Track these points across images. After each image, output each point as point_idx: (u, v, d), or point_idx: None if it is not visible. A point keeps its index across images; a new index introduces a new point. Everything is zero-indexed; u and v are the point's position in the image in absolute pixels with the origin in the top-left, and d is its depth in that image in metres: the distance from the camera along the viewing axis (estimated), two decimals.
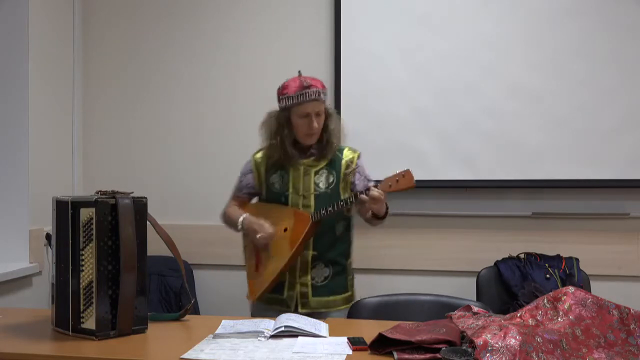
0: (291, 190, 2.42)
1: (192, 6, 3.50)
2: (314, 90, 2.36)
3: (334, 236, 2.44)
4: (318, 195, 2.40)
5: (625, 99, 3.06)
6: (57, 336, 1.88)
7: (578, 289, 1.76)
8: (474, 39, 3.17)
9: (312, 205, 2.39)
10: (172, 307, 3.24)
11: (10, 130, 3.04)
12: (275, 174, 2.46)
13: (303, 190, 2.41)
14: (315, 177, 2.42)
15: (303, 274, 2.41)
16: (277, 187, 2.45)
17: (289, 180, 2.43)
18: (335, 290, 2.44)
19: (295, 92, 2.37)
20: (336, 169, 2.44)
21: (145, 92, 3.55)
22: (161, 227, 2.09)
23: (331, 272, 2.44)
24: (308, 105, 2.35)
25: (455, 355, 1.52)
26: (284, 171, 2.45)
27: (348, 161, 2.46)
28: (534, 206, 3.19)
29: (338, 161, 2.45)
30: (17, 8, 3.04)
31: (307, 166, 2.43)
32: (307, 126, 2.37)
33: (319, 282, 2.42)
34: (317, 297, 2.41)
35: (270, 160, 2.47)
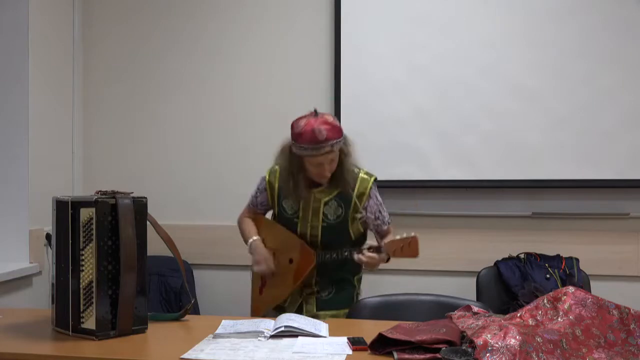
0: (300, 218, 2.42)
1: (192, 6, 3.50)
2: (327, 146, 2.25)
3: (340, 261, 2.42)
4: (325, 227, 2.40)
5: (626, 98, 3.06)
6: (57, 336, 1.88)
7: (578, 289, 1.76)
8: (474, 39, 3.17)
9: (319, 235, 2.40)
10: (172, 307, 3.24)
11: (10, 130, 3.04)
12: (287, 198, 2.45)
13: (312, 220, 2.41)
14: (325, 207, 2.40)
15: (307, 294, 2.45)
16: (289, 212, 2.45)
17: (299, 208, 2.42)
18: (340, 302, 2.45)
19: (308, 145, 2.25)
20: (346, 200, 2.40)
21: (145, 92, 3.55)
22: (161, 227, 2.09)
23: (335, 288, 2.46)
24: (320, 157, 2.29)
25: (455, 355, 1.52)
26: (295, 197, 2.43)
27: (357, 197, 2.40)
28: (534, 206, 3.19)
29: (349, 194, 2.39)
30: (17, 8, 3.04)
31: (318, 195, 2.41)
32: (318, 174, 2.34)
33: (323, 296, 2.44)
34: (320, 311, 2.43)
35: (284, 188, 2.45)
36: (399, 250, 2.27)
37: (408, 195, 3.27)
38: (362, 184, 2.42)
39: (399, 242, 2.27)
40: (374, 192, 2.47)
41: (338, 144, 2.30)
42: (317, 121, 2.27)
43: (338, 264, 2.42)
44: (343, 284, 2.47)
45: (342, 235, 2.41)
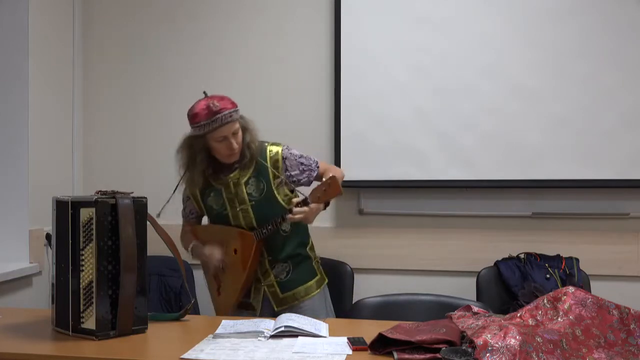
0: (229, 207, 2.43)
1: (192, 6, 3.50)
2: (225, 114, 2.31)
3: (283, 235, 2.44)
4: (254, 205, 2.40)
5: (626, 98, 3.06)
6: (57, 336, 1.88)
7: (578, 289, 1.76)
8: (474, 39, 3.17)
9: (253, 216, 2.40)
10: (172, 307, 3.24)
11: (10, 130, 3.04)
12: (209, 196, 2.47)
13: (239, 205, 2.41)
14: (246, 187, 2.42)
15: (266, 277, 2.44)
16: (216, 207, 2.46)
17: (224, 199, 2.44)
18: (302, 279, 2.46)
19: (207, 119, 2.31)
20: (263, 173, 2.42)
21: (145, 91, 3.55)
22: (161, 227, 2.09)
23: (291, 265, 2.46)
24: (223, 129, 2.32)
25: (455, 355, 1.52)
26: (217, 190, 2.45)
27: (273, 159, 2.43)
28: (534, 206, 3.19)
29: (263, 167, 2.42)
30: (17, 8, 3.04)
31: (235, 179, 2.42)
32: (226, 148, 2.36)
33: (283, 278, 2.44)
34: (286, 292, 2.43)
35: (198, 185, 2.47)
36: (323, 193, 2.27)
37: (408, 195, 3.27)
38: (272, 151, 2.45)
39: (320, 186, 2.29)
40: (287, 151, 2.47)
41: (236, 113, 2.35)
42: (208, 99, 2.37)
43: (283, 241, 2.43)
44: (297, 259, 2.47)
45: (273, 207, 2.39)
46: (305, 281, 2.46)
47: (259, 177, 2.41)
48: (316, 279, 2.50)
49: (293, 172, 2.45)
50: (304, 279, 2.46)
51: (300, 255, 2.48)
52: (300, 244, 2.50)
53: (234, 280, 2.43)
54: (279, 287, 2.43)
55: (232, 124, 2.33)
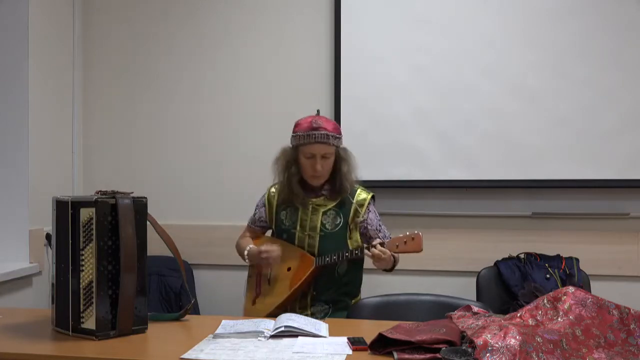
0: (298, 228, 2.42)
1: (192, 6, 3.50)
2: (322, 133, 2.34)
3: (334, 276, 2.42)
4: (323, 236, 2.40)
5: (626, 99, 3.06)
6: (57, 336, 1.88)
7: (578, 289, 1.76)
8: (474, 39, 3.17)
9: (317, 245, 2.39)
10: (172, 307, 3.24)
11: (10, 130, 3.04)
12: (285, 210, 2.47)
13: (309, 230, 2.41)
14: (323, 217, 2.41)
15: (302, 310, 2.42)
16: (286, 223, 2.46)
17: (297, 219, 2.43)
18: None
19: (304, 132, 2.36)
20: (345, 210, 2.42)
21: (145, 92, 3.55)
22: (161, 227, 2.09)
23: (331, 310, 2.43)
24: (314, 146, 2.34)
25: (455, 355, 1.52)
26: (293, 208, 2.45)
27: (358, 204, 2.43)
28: (534, 206, 3.19)
29: (348, 203, 2.42)
30: (17, 8, 3.04)
31: (316, 205, 2.42)
32: (311, 167, 2.37)
33: (318, 317, 2.39)
34: None
35: (281, 196, 2.47)
36: (403, 245, 2.27)
37: (408, 195, 3.27)
38: (361, 196, 2.46)
39: (403, 237, 2.28)
40: (373, 207, 2.50)
41: (334, 138, 2.36)
42: (316, 116, 2.41)
43: (333, 283, 2.41)
44: (339, 305, 2.44)
45: (340, 245, 2.39)
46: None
47: (339, 212, 2.42)
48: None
49: (369, 226, 2.45)
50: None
51: (344, 302, 2.45)
52: (348, 294, 2.47)
53: (275, 296, 2.41)
54: None
55: (324, 146, 2.34)
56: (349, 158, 2.45)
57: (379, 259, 2.27)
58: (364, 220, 2.44)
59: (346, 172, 2.41)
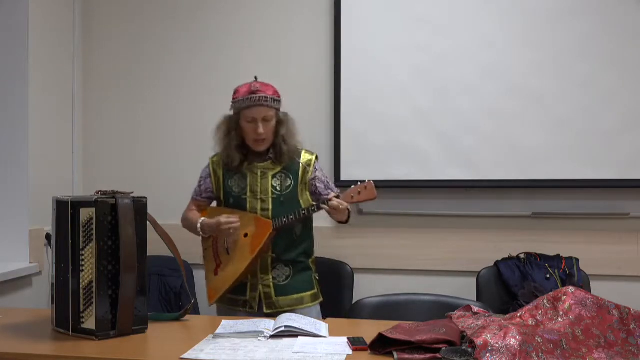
0: (249, 194, 2.44)
1: (192, 6, 3.50)
2: (261, 96, 2.39)
3: (293, 237, 2.45)
4: (276, 199, 2.42)
5: (626, 99, 3.06)
6: (57, 336, 1.88)
7: (578, 289, 1.76)
8: (474, 39, 3.17)
9: (270, 208, 2.41)
10: (172, 307, 3.24)
11: (10, 130, 3.04)
12: (232, 178, 2.48)
13: (261, 194, 2.43)
14: (273, 180, 2.44)
15: (264, 275, 2.43)
16: (236, 190, 2.47)
17: (247, 184, 2.45)
18: (298, 288, 2.45)
19: (243, 97, 2.41)
20: (293, 172, 2.46)
21: (145, 92, 3.55)
22: (161, 227, 2.09)
23: (292, 271, 2.45)
24: (254, 110, 2.38)
25: (455, 355, 1.52)
26: (241, 175, 2.47)
27: (305, 164, 2.48)
28: (534, 206, 3.19)
29: (295, 164, 2.46)
30: (17, 8, 3.04)
31: (264, 169, 2.45)
32: (253, 131, 2.39)
33: (280, 281, 2.43)
34: (280, 296, 2.42)
35: (226, 164, 2.49)
36: (357, 194, 2.31)
37: (408, 195, 3.28)
38: (307, 157, 2.50)
39: (356, 188, 2.33)
40: (319, 165, 2.54)
41: (273, 101, 2.41)
42: (254, 82, 2.46)
43: (292, 243, 2.43)
44: (298, 267, 2.46)
45: (293, 205, 2.41)
46: (300, 291, 2.44)
47: (288, 174, 2.45)
48: (312, 292, 2.48)
49: (318, 183, 2.49)
50: (300, 288, 2.45)
51: (302, 263, 2.48)
52: (305, 253, 2.49)
53: (237, 263, 2.41)
54: (274, 289, 2.42)
55: (265, 109, 2.38)
56: (289, 122, 2.49)
57: (337, 210, 2.30)
58: (313, 178, 2.48)
59: (285, 134, 2.44)
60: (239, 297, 2.45)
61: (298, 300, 2.43)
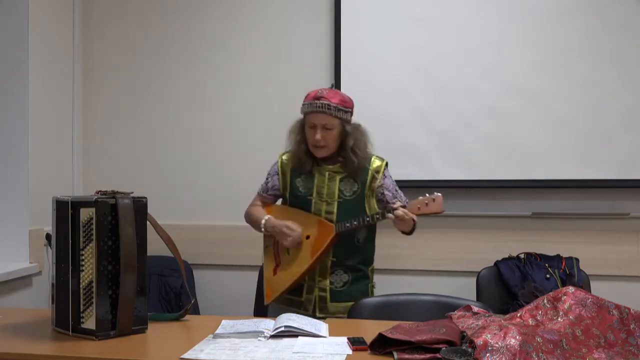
0: (315, 195, 2.42)
1: (192, 6, 3.50)
2: (323, 103, 2.34)
3: (355, 244, 2.44)
4: (342, 203, 2.40)
5: (626, 99, 3.06)
6: (57, 336, 1.88)
7: (578, 289, 1.76)
8: (474, 39, 3.17)
9: (335, 212, 2.39)
10: (172, 307, 3.24)
11: (10, 130, 3.04)
12: (299, 177, 2.47)
13: (327, 197, 2.41)
14: (341, 184, 2.42)
15: (322, 279, 2.42)
16: (302, 190, 2.45)
17: (314, 185, 2.43)
18: (354, 295, 2.43)
19: (308, 101, 2.38)
20: (361, 177, 2.43)
21: (145, 92, 3.55)
22: (161, 227, 2.08)
23: (350, 278, 2.44)
24: (315, 116, 2.35)
25: (455, 355, 1.52)
26: (309, 175, 2.45)
27: (374, 170, 2.45)
28: (534, 206, 3.19)
29: (365, 170, 2.43)
30: (17, 8, 3.04)
31: (333, 172, 2.43)
32: (311, 137, 2.38)
33: (337, 287, 2.42)
34: (335, 302, 2.42)
35: (294, 163, 2.47)
36: (424, 206, 2.28)
37: (408, 195, 3.25)
38: (376, 163, 2.47)
39: (423, 199, 2.29)
40: (388, 173, 2.50)
41: (336, 110, 2.35)
42: (325, 88, 2.43)
43: (353, 250, 2.42)
44: (357, 274, 2.45)
45: (357, 212, 2.39)
46: (356, 298, 2.41)
47: (357, 178, 2.42)
48: None
49: (385, 191, 2.46)
50: (356, 296, 2.42)
51: (361, 271, 2.47)
52: (365, 261, 2.49)
53: (297, 265, 2.40)
54: (330, 294, 2.42)
55: (326, 116, 2.34)
56: (357, 133, 2.43)
57: (402, 220, 2.27)
58: (380, 185, 2.45)
59: (353, 146, 2.40)
60: (295, 298, 2.45)
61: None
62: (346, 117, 2.40)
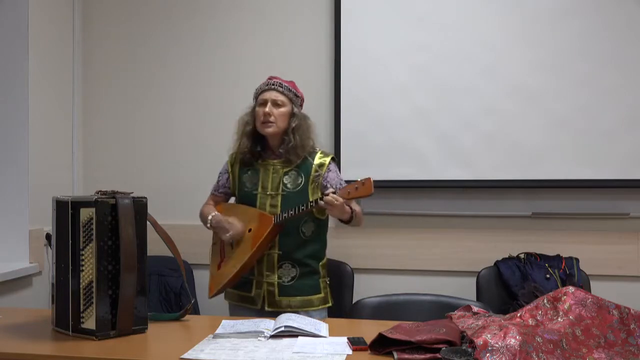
0: (260, 190, 2.47)
1: (192, 6, 3.50)
2: (275, 81, 2.49)
3: (301, 237, 2.45)
4: (285, 195, 2.43)
5: (625, 99, 3.06)
6: (57, 336, 1.88)
7: (578, 289, 1.76)
8: (474, 39, 3.17)
9: (279, 205, 2.43)
10: (172, 307, 3.24)
11: (10, 130, 3.04)
12: (246, 173, 2.53)
13: (271, 190, 2.45)
14: (284, 177, 2.46)
15: (270, 273, 2.44)
16: (248, 185, 2.51)
17: (259, 180, 2.48)
18: (303, 290, 2.45)
19: (261, 85, 2.52)
20: (305, 171, 2.47)
21: (145, 91, 3.55)
22: (161, 227, 2.09)
23: (298, 273, 2.45)
24: (266, 93, 2.46)
25: (455, 355, 1.52)
26: (254, 170, 2.51)
27: (318, 165, 2.48)
28: (534, 206, 3.19)
29: (308, 164, 2.48)
30: (17, 8, 3.04)
31: (277, 166, 2.47)
32: (260, 112, 2.45)
33: (285, 281, 2.44)
34: (283, 296, 2.43)
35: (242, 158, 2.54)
36: (354, 190, 2.28)
37: (408, 195, 3.27)
38: (321, 157, 2.51)
39: (354, 184, 2.30)
40: (334, 167, 2.54)
41: (288, 90, 2.48)
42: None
43: (299, 244, 2.44)
44: (305, 269, 2.46)
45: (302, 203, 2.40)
46: (305, 293, 2.44)
47: (300, 172, 2.46)
48: (319, 296, 2.48)
49: (329, 184, 2.48)
50: (305, 291, 2.45)
51: (309, 266, 2.47)
52: (314, 256, 2.49)
53: (238, 256, 2.43)
54: (278, 288, 2.43)
55: (277, 93, 2.46)
56: (304, 119, 2.51)
57: (332, 205, 2.27)
58: (323, 178, 2.48)
59: (296, 127, 2.45)
60: (245, 294, 2.48)
61: (302, 303, 2.43)
62: (296, 101, 2.51)
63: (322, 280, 2.51)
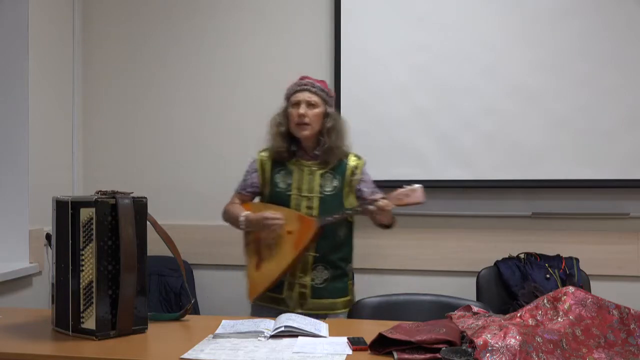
0: (294, 191, 2.43)
1: (192, 6, 3.50)
2: (307, 82, 2.46)
3: (336, 240, 2.45)
4: (322, 198, 2.41)
5: (626, 99, 3.06)
6: (57, 336, 1.88)
7: (578, 289, 1.76)
8: (474, 39, 3.17)
9: (316, 207, 2.40)
10: (172, 307, 3.24)
11: (10, 130, 3.04)
12: (279, 173, 2.48)
13: (307, 192, 2.42)
14: (321, 179, 2.43)
15: (303, 275, 2.42)
16: (281, 185, 2.46)
17: (293, 181, 2.44)
18: (334, 293, 2.45)
19: (293, 85, 2.48)
20: (341, 173, 2.45)
21: (145, 91, 3.55)
22: (161, 227, 2.09)
23: (331, 275, 2.44)
24: (299, 94, 2.43)
25: (455, 355, 1.52)
26: (288, 171, 2.46)
27: (353, 167, 2.47)
28: (534, 206, 3.19)
29: (343, 166, 2.46)
30: (17, 8, 3.04)
31: (313, 167, 2.44)
32: (295, 114, 2.41)
33: (318, 283, 2.42)
34: (315, 298, 2.42)
35: (275, 158, 2.49)
36: (405, 197, 2.29)
37: None
38: (354, 160, 2.50)
39: (404, 190, 2.30)
40: (366, 168, 2.54)
41: (320, 90, 2.45)
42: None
43: (334, 245, 2.43)
44: (337, 272, 2.45)
45: (337, 207, 2.41)
46: (335, 296, 2.45)
47: (335, 174, 2.45)
48: (345, 299, 2.49)
49: (364, 188, 2.48)
50: (335, 294, 2.45)
51: (340, 268, 2.47)
52: (345, 258, 2.49)
53: (280, 260, 2.40)
54: (311, 291, 2.42)
55: (309, 93, 2.43)
56: (338, 119, 2.50)
57: (383, 210, 2.28)
58: (359, 181, 2.48)
59: (331, 128, 2.43)
60: (276, 295, 2.45)
61: (331, 306, 2.43)
62: (329, 101, 2.49)
63: (349, 283, 2.52)
